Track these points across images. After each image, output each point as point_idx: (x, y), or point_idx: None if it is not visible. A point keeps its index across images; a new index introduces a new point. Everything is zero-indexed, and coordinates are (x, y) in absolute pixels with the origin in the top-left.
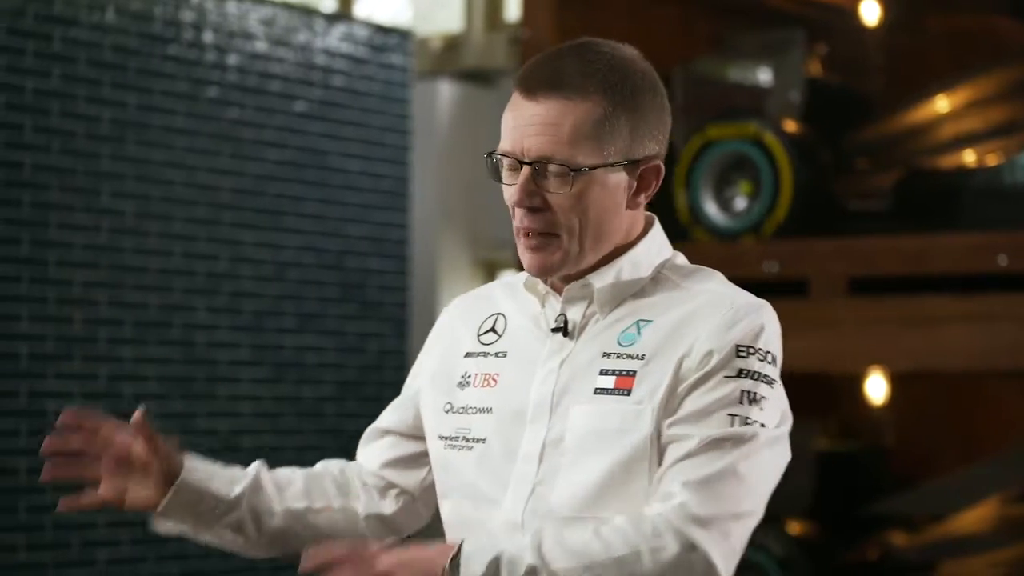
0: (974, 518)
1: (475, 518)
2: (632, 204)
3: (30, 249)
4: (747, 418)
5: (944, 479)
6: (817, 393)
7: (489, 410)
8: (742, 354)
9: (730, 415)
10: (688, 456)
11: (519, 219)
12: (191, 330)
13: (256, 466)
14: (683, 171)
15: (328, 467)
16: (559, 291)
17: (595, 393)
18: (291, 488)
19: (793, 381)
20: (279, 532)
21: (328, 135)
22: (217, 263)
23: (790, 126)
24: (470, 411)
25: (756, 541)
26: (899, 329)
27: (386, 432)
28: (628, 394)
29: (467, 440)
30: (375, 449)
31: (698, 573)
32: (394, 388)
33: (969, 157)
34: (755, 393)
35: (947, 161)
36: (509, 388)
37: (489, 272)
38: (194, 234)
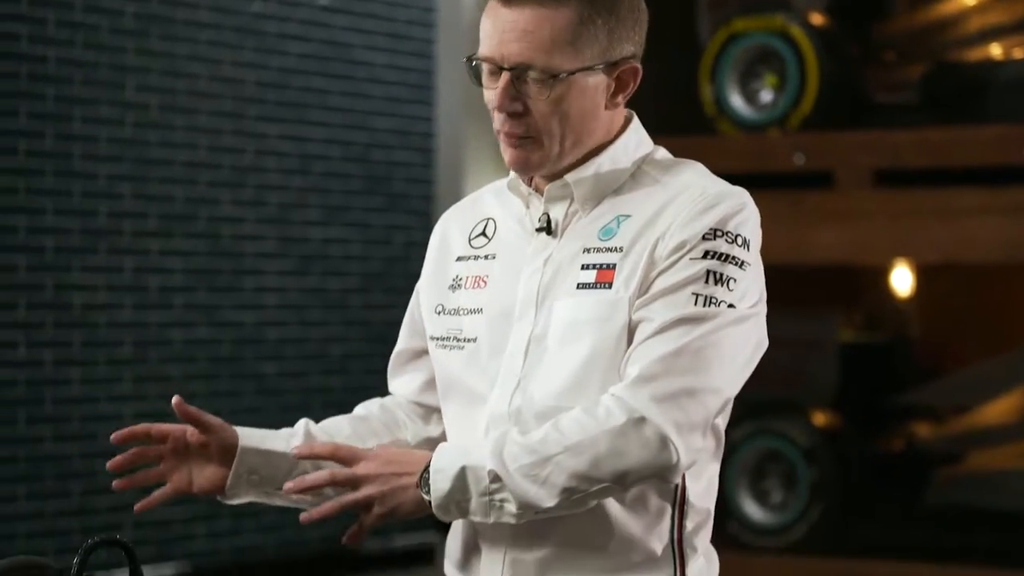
0: (999, 409)
1: (467, 416)
2: (610, 105)
3: (55, 143)
4: (712, 297)
5: (969, 370)
6: (842, 285)
7: (479, 310)
8: (708, 237)
9: (694, 294)
10: (649, 337)
11: (500, 123)
12: (216, 223)
13: (303, 422)
14: (708, 64)
15: (368, 407)
16: (541, 191)
17: (577, 288)
18: (341, 435)
19: (819, 273)
20: None
21: (352, 28)
22: (242, 156)
23: (816, 18)
24: (461, 312)
25: (780, 431)
26: (925, 221)
27: (409, 357)
28: (609, 287)
29: (458, 340)
30: (405, 378)
31: (652, 447)
32: (419, 280)
33: (996, 50)
34: (721, 273)
35: (974, 54)
36: (497, 288)
37: None
38: (219, 127)
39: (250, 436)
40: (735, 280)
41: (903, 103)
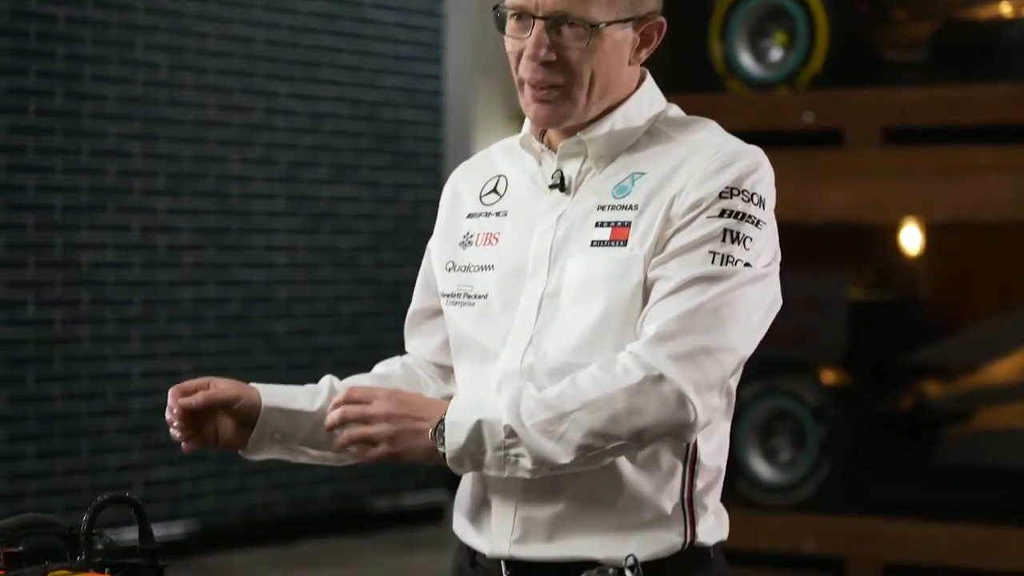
0: (1008, 367)
1: (480, 373)
2: (634, 60)
3: (64, 101)
4: (729, 256)
5: (978, 328)
6: (852, 243)
7: (490, 267)
8: (725, 195)
9: (711, 252)
10: (666, 295)
11: (531, 72)
12: (225, 181)
13: (327, 379)
14: (718, 22)
15: (390, 366)
16: (554, 148)
17: (592, 245)
18: None
19: (829, 231)
20: None
21: None
22: (251, 114)
23: None
24: (472, 269)
25: (790, 390)
26: (934, 179)
27: (425, 316)
28: (624, 244)
29: (469, 297)
30: (422, 338)
31: (670, 405)
32: (429, 238)
33: (1006, 8)
34: (738, 232)
35: (983, 12)
36: (509, 245)
37: (522, 121)
38: (228, 86)
39: (273, 395)
40: (751, 239)
41: (912, 61)
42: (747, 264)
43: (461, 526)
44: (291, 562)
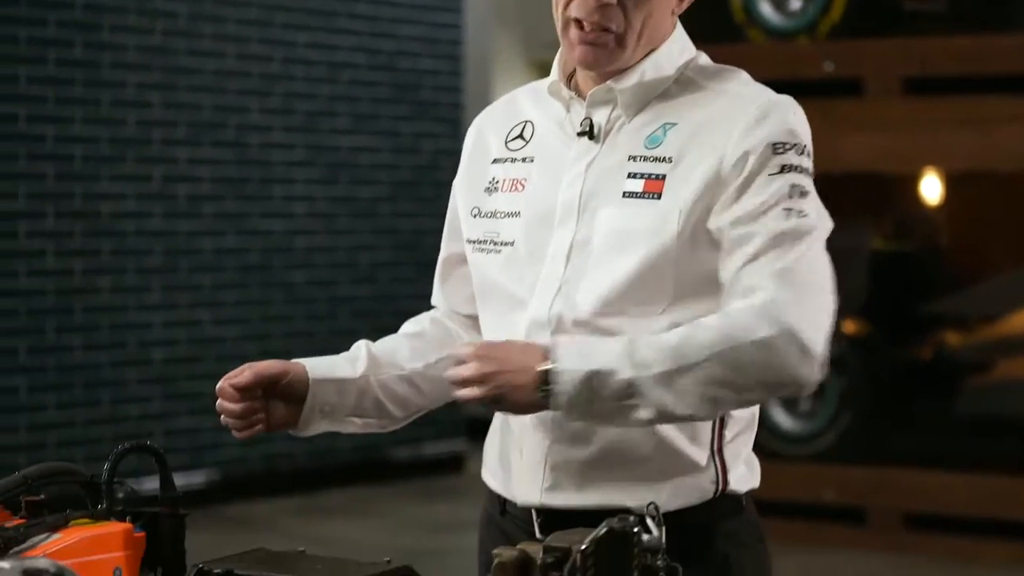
0: None
1: (506, 321)
2: (677, 8)
3: (83, 52)
4: (801, 211)
5: (998, 279)
6: (872, 193)
7: (517, 214)
8: (779, 151)
9: (786, 210)
10: (758, 254)
11: (586, 11)
12: (245, 131)
13: (362, 344)
14: None
15: (420, 324)
16: (583, 95)
17: (624, 196)
18: (399, 353)
19: (848, 181)
20: (405, 397)
21: None
22: (270, 64)
23: None
24: (498, 215)
25: None
26: (954, 129)
27: (455, 264)
28: (658, 198)
29: (495, 244)
30: (452, 287)
31: (794, 357)
32: (448, 188)
33: None
34: (802, 187)
35: None
36: (536, 192)
37: (541, 71)
38: (247, 35)
39: (316, 368)
40: (810, 192)
41: (932, 11)
42: (813, 217)
43: (491, 475)
44: (312, 511)
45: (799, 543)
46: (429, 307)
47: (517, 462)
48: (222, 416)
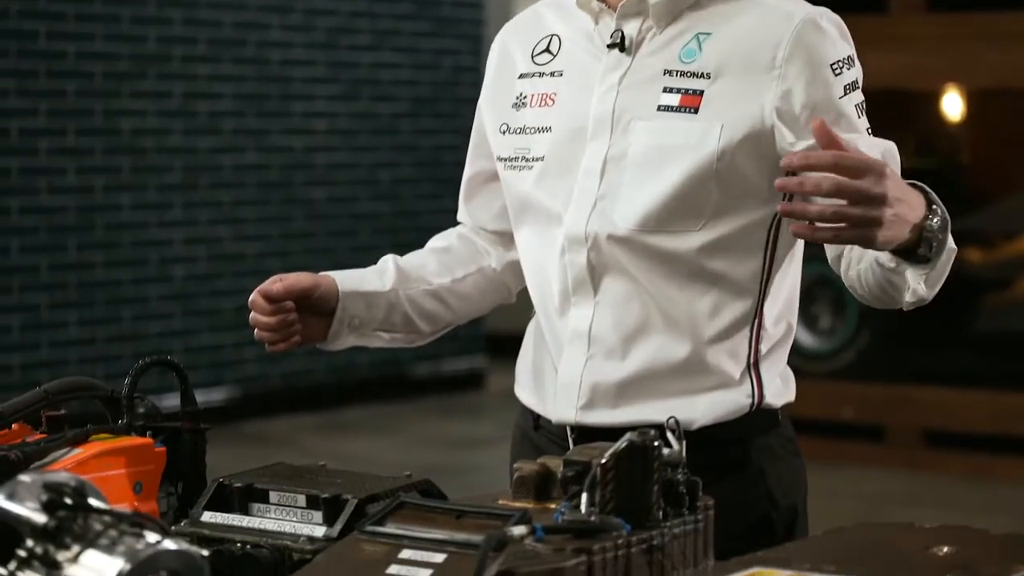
0: None
1: (543, 237)
2: None
3: None
4: (868, 129)
5: (1019, 196)
6: (895, 110)
7: (547, 129)
8: (837, 71)
9: (868, 131)
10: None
11: None
12: (265, 48)
13: (390, 259)
14: None
15: (447, 239)
16: (613, 7)
17: (658, 110)
18: (427, 268)
19: (871, 98)
20: (433, 312)
21: None
22: None
23: None
24: (528, 131)
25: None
26: (977, 46)
27: (483, 180)
28: (695, 112)
29: (526, 160)
30: (480, 205)
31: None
32: (469, 104)
33: None
34: (863, 103)
35: None
36: (567, 106)
37: None
38: None
39: (346, 281)
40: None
41: None
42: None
43: (524, 391)
44: (331, 428)
45: (818, 460)
46: (450, 223)
47: (552, 379)
48: (255, 330)
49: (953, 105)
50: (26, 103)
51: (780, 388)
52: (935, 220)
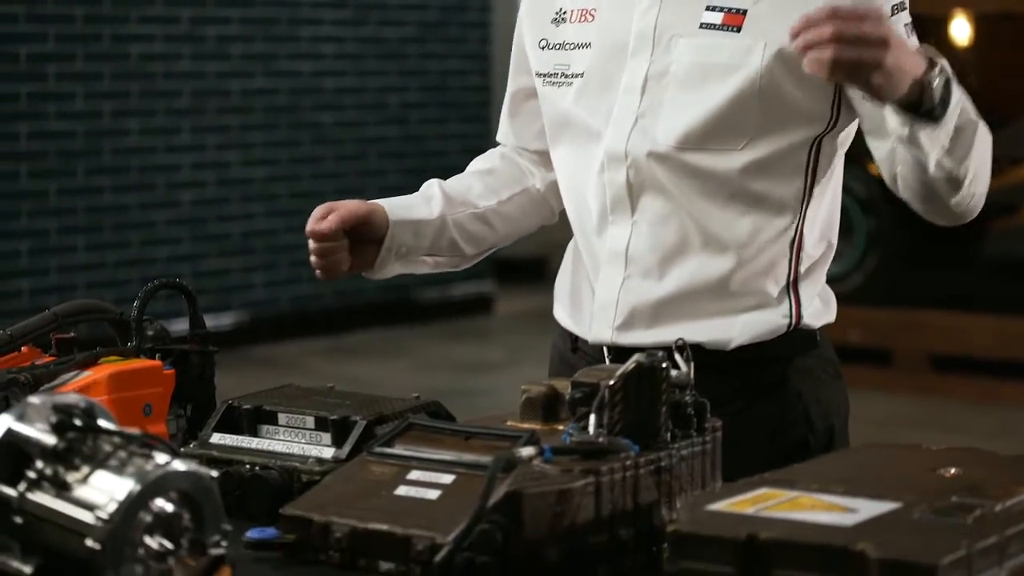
0: None
1: (582, 155)
2: None
3: None
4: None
5: None
6: None
7: (587, 45)
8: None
9: (918, 51)
10: None
11: None
12: None
13: (435, 183)
14: None
15: (489, 160)
16: None
17: (701, 27)
18: (472, 191)
19: None
20: (479, 235)
21: None
22: None
23: None
24: (567, 47)
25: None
26: None
27: (524, 97)
28: (738, 31)
29: (566, 76)
30: (522, 122)
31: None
32: (476, 29)
33: None
34: (911, 24)
35: None
36: (607, 22)
37: None
38: None
39: (395, 208)
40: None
41: None
42: None
43: (562, 312)
44: (339, 353)
45: None
46: (455, 146)
47: (589, 300)
48: (312, 257)
49: (961, 30)
50: (34, 28)
51: (819, 308)
52: (936, 73)
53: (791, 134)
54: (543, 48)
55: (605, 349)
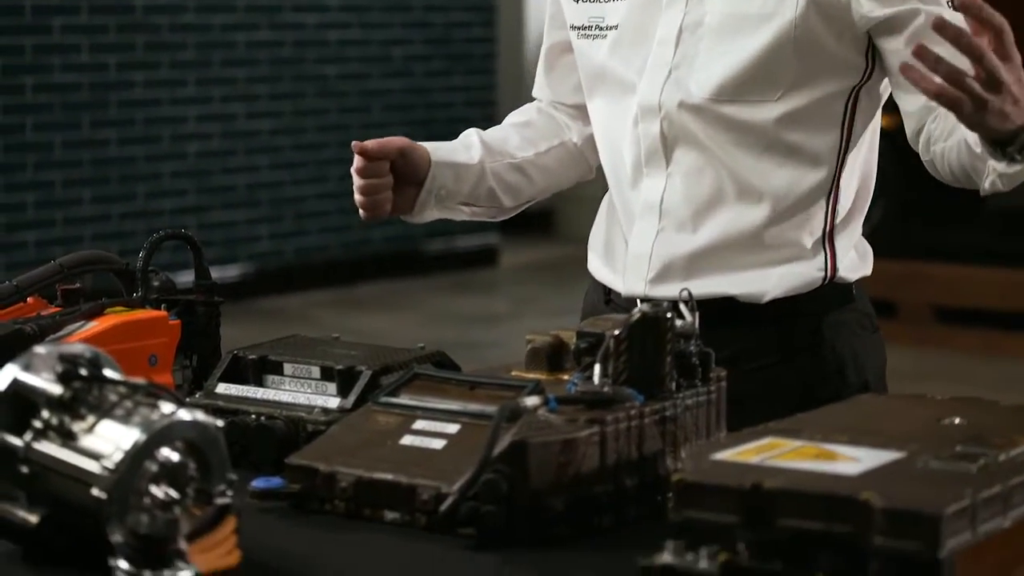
0: None
1: (616, 107)
2: None
3: None
4: (949, 2)
5: None
6: None
7: None
8: None
9: (947, 2)
10: None
11: None
12: None
13: (473, 132)
14: None
15: (526, 113)
16: None
17: None
18: (510, 142)
19: None
20: (517, 186)
21: None
22: None
23: None
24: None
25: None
26: None
27: (560, 51)
28: None
29: (600, 28)
30: (559, 77)
31: None
32: None
33: None
34: None
35: None
36: None
37: None
38: None
39: (437, 150)
40: None
41: None
42: None
43: (596, 264)
44: (345, 304)
45: None
46: (460, 99)
47: (623, 252)
48: (357, 196)
49: None
50: None
51: (855, 261)
52: None
53: (827, 85)
54: (577, 0)
55: (638, 302)
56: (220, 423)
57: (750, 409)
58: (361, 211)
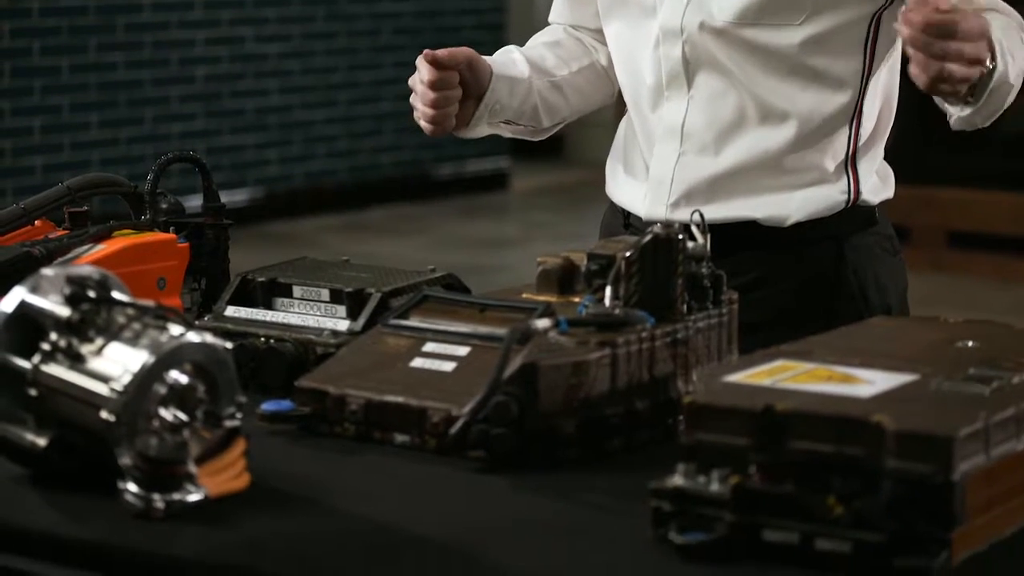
0: None
1: (635, 31)
2: None
3: None
4: None
5: None
6: None
7: None
8: None
9: None
10: None
11: None
12: None
13: (512, 48)
14: None
15: (554, 34)
16: None
17: None
18: (547, 60)
19: None
20: (555, 105)
21: None
22: None
23: None
24: None
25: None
26: None
27: None
28: None
29: None
30: (578, 1)
31: None
32: None
33: None
34: None
35: None
36: None
37: None
38: None
39: (496, 62)
40: None
41: None
42: None
43: (614, 188)
44: (354, 229)
45: None
46: (471, 23)
47: (643, 176)
48: (425, 110)
49: None
50: None
51: (877, 185)
52: (994, 74)
53: (850, 9)
54: None
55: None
56: (229, 345)
57: (773, 334)
58: (428, 126)
